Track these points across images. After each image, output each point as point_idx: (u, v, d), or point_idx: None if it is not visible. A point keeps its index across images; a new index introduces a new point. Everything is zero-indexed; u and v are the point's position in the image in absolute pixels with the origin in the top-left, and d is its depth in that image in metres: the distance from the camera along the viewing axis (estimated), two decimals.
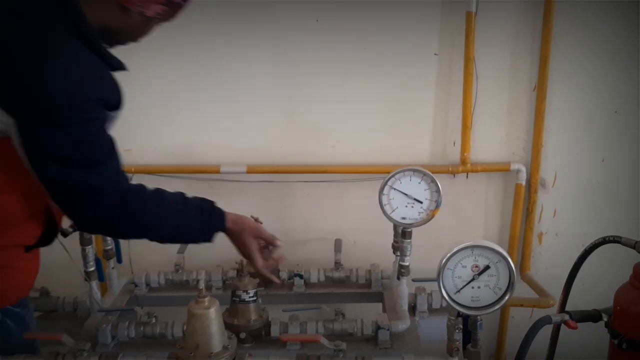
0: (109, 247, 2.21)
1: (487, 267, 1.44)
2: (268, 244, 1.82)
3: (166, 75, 2.53)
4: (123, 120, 2.55)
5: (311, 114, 2.59)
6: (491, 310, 1.46)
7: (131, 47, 2.44)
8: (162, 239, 1.70)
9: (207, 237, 1.71)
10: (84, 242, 2.02)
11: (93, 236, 2.05)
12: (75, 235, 1.96)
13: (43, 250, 2.55)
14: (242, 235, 1.75)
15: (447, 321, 1.56)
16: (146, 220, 1.59)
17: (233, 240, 1.77)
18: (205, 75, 2.54)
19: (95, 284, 2.08)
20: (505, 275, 1.44)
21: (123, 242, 2.40)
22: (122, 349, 1.84)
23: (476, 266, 1.44)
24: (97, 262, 2.08)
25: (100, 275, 2.14)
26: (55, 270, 2.56)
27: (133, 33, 1.51)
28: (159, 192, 1.63)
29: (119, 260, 2.31)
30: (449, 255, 1.45)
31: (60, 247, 2.14)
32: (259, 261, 1.77)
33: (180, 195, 1.66)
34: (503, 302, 1.45)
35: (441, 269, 1.46)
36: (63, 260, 2.50)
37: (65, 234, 1.87)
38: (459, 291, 1.47)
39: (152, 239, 1.67)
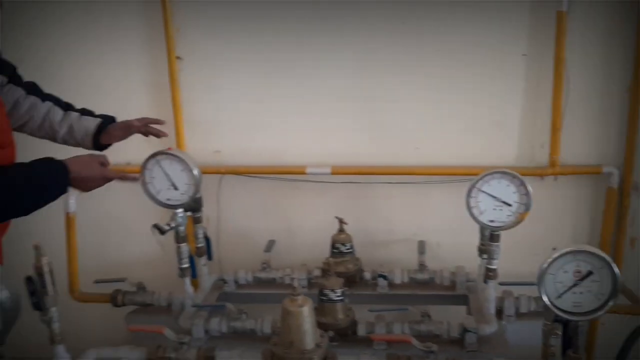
0: (201, 245, 2.30)
1: (589, 273, 1.41)
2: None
3: (254, 81, 2.60)
4: (213, 123, 2.69)
5: (394, 115, 2.60)
6: (594, 316, 1.44)
7: (220, 56, 2.56)
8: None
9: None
10: (179, 240, 2.10)
11: (186, 234, 2.13)
12: (170, 233, 2.04)
13: (139, 245, 2.70)
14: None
15: (542, 326, 1.54)
16: None
17: None
18: (289, 78, 2.60)
19: (188, 280, 2.16)
20: (609, 281, 1.41)
21: (213, 240, 2.50)
22: (214, 344, 1.91)
23: (578, 271, 1.42)
24: (190, 259, 2.16)
25: (193, 272, 2.22)
26: (150, 265, 2.70)
27: None
28: None
29: (209, 258, 2.39)
30: (550, 260, 1.43)
31: (154, 243, 2.25)
32: None
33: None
34: (606, 308, 1.42)
35: (542, 274, 1.44)
36: (156, 256, 2.63)
37: (162, 232, 1.96)
38: (560, 296, 1.45)
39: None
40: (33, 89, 1.98)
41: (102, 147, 2.06)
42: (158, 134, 2.10)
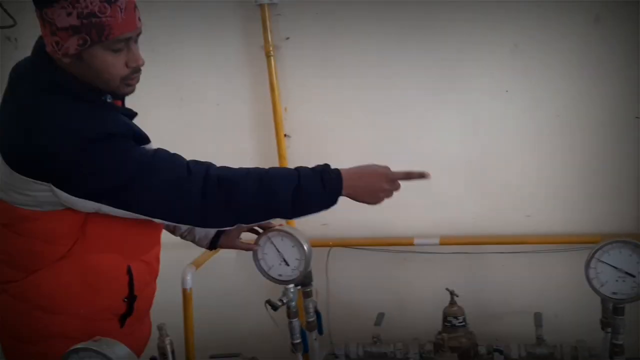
0: (312, 319, 2.31)
1: None
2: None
3: (361, 152, 2.62)
4: None
5: (503, 181, 2.56)
6: None
7: (327, 132, 2.63)
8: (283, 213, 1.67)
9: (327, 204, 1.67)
10: (290, 315, 2.12)
11: (298, 309, 2.16)
12: (283, 308, 2.08)
13: (253, 320, 2.73)
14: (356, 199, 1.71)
15: None
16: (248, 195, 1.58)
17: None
18: (396, 147, 2.62)
19: (300, 356, 2.17)
20: None
21: (323, 314, 2.51)
22: None
23: None
24: (303, 333, 2.18)
25: (305, 346, 2.24)
26: (264, 339, 2.74)
27: (98, 76, 1.50)
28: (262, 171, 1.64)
29: (320, 332, 2.40)
30: None
31: (268, 318, 2.29)
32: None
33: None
34: None
35: None
36: (270, 330, 2.66)
37: (275, 308, 2.00)
38: None
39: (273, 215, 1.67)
40: None
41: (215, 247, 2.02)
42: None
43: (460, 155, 2.58)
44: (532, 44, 2.42)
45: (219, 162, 2.28)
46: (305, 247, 2.03)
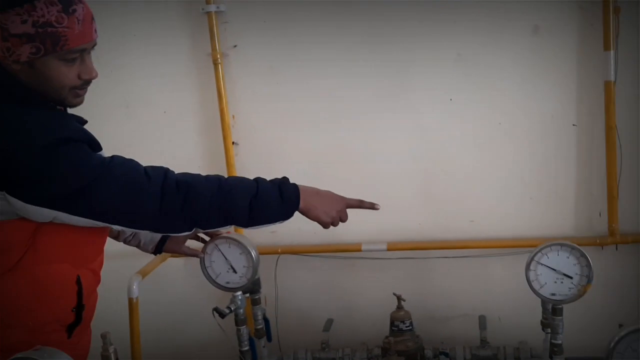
0: (260, 327, 2.31)
1: None
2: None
3: (309, 160, 2.67)
4: None
5: (449, 189, 2.62)
6: None
7: (275, 142, 2.63)
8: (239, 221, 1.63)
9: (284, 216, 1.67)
10: (239, 323, 2.12)
11: (246, 316, 2.16)
12: (230, 316, 2.07)
13: (200, 328, 2.71)
14: (310, 214, 1.74)
15: None
16: (207, 203, 1.55)
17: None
18: (344, 156, 2.66)
19: None
20: None
21: (272, 321, 2.51)
22: None
23: None
24: (251, 341, 2.17)
25: (254, 354, 2.23)
26: (212, 348, 2.72)
27: (48, 84, 1.45)
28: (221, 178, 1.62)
29: (269, 339, 2.40)
30: (617, 339, 1.39)
31: (215, 326, 2.28)
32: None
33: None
34: None
35: (610, 353, 1.40)
36: (218, 338, 2.64)
37: (222, 315, 1.99)
38: None
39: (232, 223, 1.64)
40: None
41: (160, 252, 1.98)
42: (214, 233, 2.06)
43: (406, 162, 2.62)
44: (475, 54, 2.49)
45: None
46: (253, 254, 2.04)
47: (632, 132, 2.41)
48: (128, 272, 2.36)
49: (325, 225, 1.78)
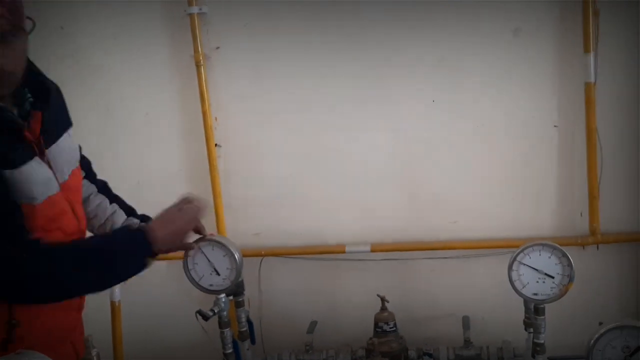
0: (243, 329, 2.30)
1: (639, 348, 1.37)
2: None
3: (292, 162, 2.67)
4: (253, 207, 2.74)
5: (431, 190, 2.63)
6: None
7: (260, 143, 2.63)
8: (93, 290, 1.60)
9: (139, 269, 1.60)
10: (222, 325, 2.11)
11: (229, 319, 2.15)
12: (214, 318, 2.06)
13: (183, 330, 2.68)
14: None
15: None
16: (66, 279, 1.48)
17: None
18: (327, 157, 2.66)
19: None
20: None
21: (255, 323, 2.50)
22: None
23: (627, 347, 1.38)
24: (234, 344, 2.16)
25: (238, 356, 2.22)
26: (195, 350, 2.71)
27: None
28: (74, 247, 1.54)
29: (253, 342, 2.39)
30: (596, 336, 1.40)
31: (199, 328, 2.27)
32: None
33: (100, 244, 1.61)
34: None
35: (590, 350, 1.41)
36: (202, 341, 2.63)
37: (206, 318, 1.98)
38: None
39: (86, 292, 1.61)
40: (104, 189, 1.93)
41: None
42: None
43: (388, 164, 2.63)
44: (456, 55, 2.50)
45: (149, 173, 2.24)
46: (237, 256, 2.02)
47: (612, 133, 2.43)
48: None
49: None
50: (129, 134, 2.73)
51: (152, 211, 1.72)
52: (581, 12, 2.34)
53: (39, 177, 1.45)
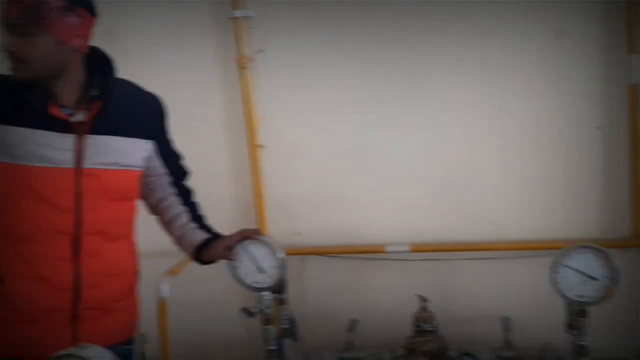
0: (286, 326, 2.33)
1: None
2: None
3: (333, 162, 2.70)
4: (294, 207, 2.77)
5: (472, 190, 2.63)
6: None
7: (300, 143, 2.65)
8: None
9: None
10: (266, 322, 2.15)
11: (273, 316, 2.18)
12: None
13: (226, 328, 2.72)
14: None
15: None
16: None
17: None
18: (367, 157, 2.69)
19: None
20: None
21: (299, 321, 2.54)
22: None
23: None
24: (279, 340, 2.19)
25: (282, 353, 2.25)
26: (237, 348, 2.75)
27: None
28: None
29: (296, 339, 2.42)
30: None
31: (241, 325, 2.30)
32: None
33: None
34: None
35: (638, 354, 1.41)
36: (243, 338, 2.67)
37: (251, 314, 2.02)
38: None
39: None
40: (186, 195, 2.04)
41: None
42: None
43: (430, 165, 2.64)
44: (499, 58, 2.50)
45: (194, 174, 2.28)
46: (280, 255, 2.06)
47: None
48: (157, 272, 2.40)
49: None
50: (174, 135, 2.77)
51: None
52: (625, 13, 2.33)
53: (40, 142, 1.58)
